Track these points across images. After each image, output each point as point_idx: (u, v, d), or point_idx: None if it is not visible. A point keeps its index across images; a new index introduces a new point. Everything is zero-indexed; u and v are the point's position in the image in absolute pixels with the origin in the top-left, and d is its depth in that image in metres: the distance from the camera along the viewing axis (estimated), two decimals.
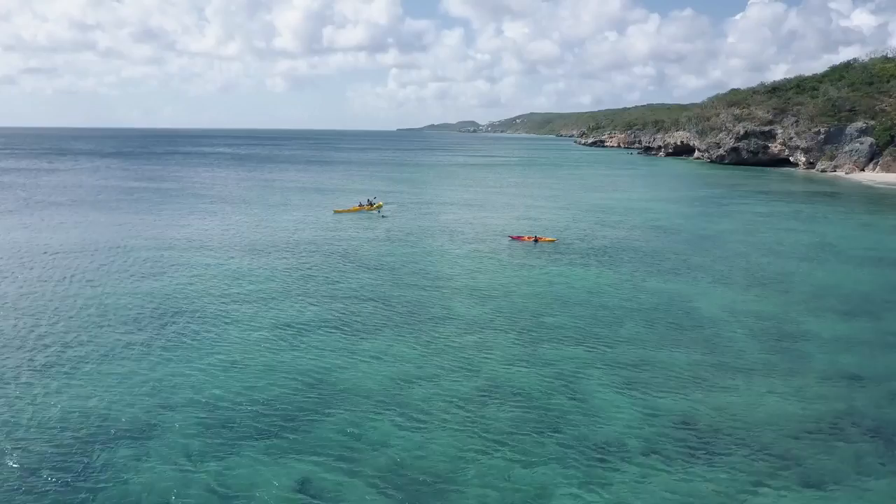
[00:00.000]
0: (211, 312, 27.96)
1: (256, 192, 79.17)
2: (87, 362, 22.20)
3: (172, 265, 36.95)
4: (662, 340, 25.19)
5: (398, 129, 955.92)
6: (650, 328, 26.65)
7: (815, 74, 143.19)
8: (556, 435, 17.50)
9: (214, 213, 59.05)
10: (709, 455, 16.65)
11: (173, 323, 26.52)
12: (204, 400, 19.30)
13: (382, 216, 58.29)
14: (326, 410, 18.80)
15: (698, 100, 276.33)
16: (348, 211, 61.16)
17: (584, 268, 37.88)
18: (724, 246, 45.95)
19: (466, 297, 31.00)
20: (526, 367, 22.20)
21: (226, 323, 26.59)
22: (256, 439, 17.12)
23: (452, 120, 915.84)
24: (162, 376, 21.04)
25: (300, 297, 30.59)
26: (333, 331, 25.86)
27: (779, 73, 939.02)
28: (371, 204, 63.04)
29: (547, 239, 46.22)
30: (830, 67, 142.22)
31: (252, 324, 26.53)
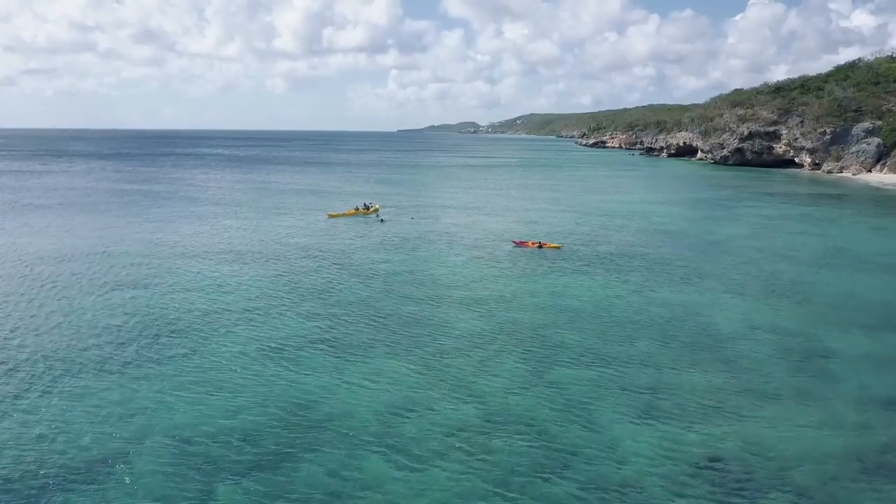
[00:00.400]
0: (183, 328, 25.93)
1: (250, 195, 77.16)
2: (36, 385, 20.15)
3: (150, 274, 34.92)
4: (679, 361, 23.17)
5: (398, 130, 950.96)
6: (665, 346, 24.63)
7: (820, 74, 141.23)
8: (566, 478, 15.47)
9: (203, 218, 57.02)
10: (741, 501, 14.63)
11: (141, 340, 24.47)
12: (170, 432, 17.23)
13: (381, 220, 56.35)
14: (311, 445, 16.81)
15: (698, 100, 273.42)
16: (343, 215, 59.10)
17: (591, 277, 35.88)
18: (734, 252, 43.96)
19: (467, 312, 28.99)
20: (532, 394, 20.19)
21: (199, 341, 24.52)
22: (230, 480, 15.14)
23: (453, 121, 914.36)
24: (122, 402, 19.00)
25: (284, 312, 28.56)
26: (319, 351, 23.83)
27: (779, 73, 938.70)
28: (367, 207, 61.03)
29: (551, 245, 44.21)
30: (835, 67, 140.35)
31: (229, 342, 24.47)
